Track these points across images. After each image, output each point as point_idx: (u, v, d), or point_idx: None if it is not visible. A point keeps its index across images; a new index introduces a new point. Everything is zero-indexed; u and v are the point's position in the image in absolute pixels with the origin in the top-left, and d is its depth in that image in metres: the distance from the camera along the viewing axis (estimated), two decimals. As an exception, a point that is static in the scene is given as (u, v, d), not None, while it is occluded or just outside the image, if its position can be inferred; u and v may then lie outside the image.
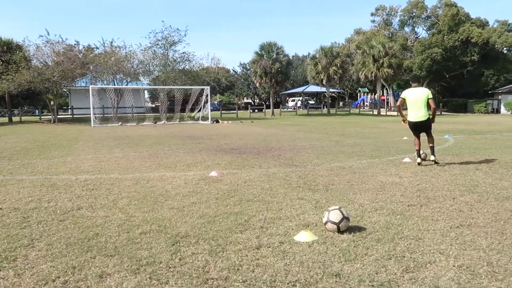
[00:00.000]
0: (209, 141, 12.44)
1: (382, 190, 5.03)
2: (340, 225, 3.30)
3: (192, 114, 29.89)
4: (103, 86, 28.96)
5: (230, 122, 26.73)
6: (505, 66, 41.87)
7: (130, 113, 30.82)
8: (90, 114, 24.36)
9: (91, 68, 30.34)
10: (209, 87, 28.96)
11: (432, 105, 7.03)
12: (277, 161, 7.81)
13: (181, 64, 33.11)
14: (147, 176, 6.32)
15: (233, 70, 71.17)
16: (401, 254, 2.88)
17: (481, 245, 3.06)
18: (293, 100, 57.40)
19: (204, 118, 27.60)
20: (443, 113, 41.10)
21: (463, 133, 14.15)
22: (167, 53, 32.08)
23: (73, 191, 5.25)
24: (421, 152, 7.05)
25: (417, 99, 6.85)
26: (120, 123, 25.81)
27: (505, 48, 41.21)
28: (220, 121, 27.27)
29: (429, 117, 6.95)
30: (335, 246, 3.04)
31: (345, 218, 3.32)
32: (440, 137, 12.55)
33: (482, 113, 40.80)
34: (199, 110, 29.27)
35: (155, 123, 26.70)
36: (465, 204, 4.32)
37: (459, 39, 39.67)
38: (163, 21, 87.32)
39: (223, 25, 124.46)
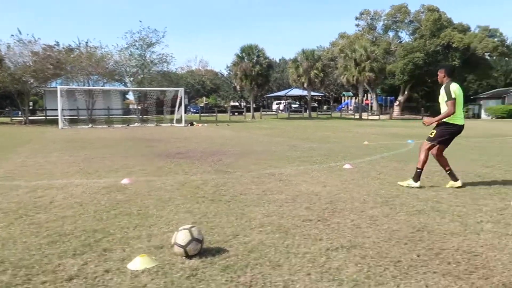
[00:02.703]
0: (163, 145, 11.85)
1: (292, 201, 4.51)
2: (187, 248, 2.75)
3: (172, 117, 29.24)
4: (73, 87, 28.12)
5: (205, 125, 26.15)
6: (486, 72, 41.96)
7: (105, 115, 30.04)
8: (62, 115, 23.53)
9: (68, 69, 29.50)
10: (183, 89, 28.35)
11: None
12: (211, 166, 7.27)
13: (158, 65, 32.51)
14: (52, 183, 5.71)
15: (220, 73, 70.68)
16: (235, 288, 2.35)
17: (344, 275, 2.53)
18: (278, 103, 57.15)
19: (179, 121, 26.98)
20: (425, 117, 41.03)
21: (429, 138, 13.75)
22: (144, 54, 31.44)
23: None
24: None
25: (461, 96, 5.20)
26: (91, 125, 25.06)
27: (486, 54, 41.23)
28: (194, 123, 26.70)
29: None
30: (166, 277, 2.49)
31: (194, 240, 2.77)
32: (402, 142, 12.15)
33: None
34: (177, 112, 28.65)
35: (128, 125, 25.99)
36: (369, 218, 3.82)
37: (441, 44, 39.64)
38: (140, 21, 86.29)
39: (213, 28, 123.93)
